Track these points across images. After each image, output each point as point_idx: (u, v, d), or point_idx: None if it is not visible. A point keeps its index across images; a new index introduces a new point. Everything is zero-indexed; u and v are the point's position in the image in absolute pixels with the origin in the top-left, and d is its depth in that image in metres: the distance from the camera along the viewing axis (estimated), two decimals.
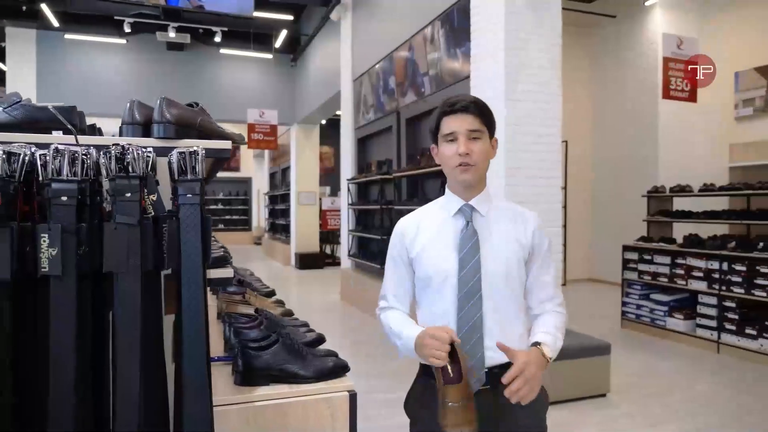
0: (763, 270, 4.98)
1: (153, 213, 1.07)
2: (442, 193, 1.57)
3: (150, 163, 1.06)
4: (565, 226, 7.40)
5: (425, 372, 1.48)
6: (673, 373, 4.82)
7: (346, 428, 1.39)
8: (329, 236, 14.01)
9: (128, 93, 11.73)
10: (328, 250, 14.16)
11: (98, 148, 1.10)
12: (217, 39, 10.96)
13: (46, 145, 1.06)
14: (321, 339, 1.79)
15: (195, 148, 1.05)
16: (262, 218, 20.35)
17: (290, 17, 11.24)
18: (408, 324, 1.45)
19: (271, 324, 1.67)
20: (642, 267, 6.31)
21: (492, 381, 1.38)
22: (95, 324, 1.05)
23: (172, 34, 10.74)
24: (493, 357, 1.39)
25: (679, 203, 6.90)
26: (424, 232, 1.50)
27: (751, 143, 8.57)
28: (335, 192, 15.59)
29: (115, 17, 10.49)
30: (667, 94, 6.66)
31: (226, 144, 1.28)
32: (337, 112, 11.36)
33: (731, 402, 4.09)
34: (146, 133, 1.29)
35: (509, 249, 1.46)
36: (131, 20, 10.26)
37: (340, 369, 1.50)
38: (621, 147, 9.62)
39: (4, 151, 0.95)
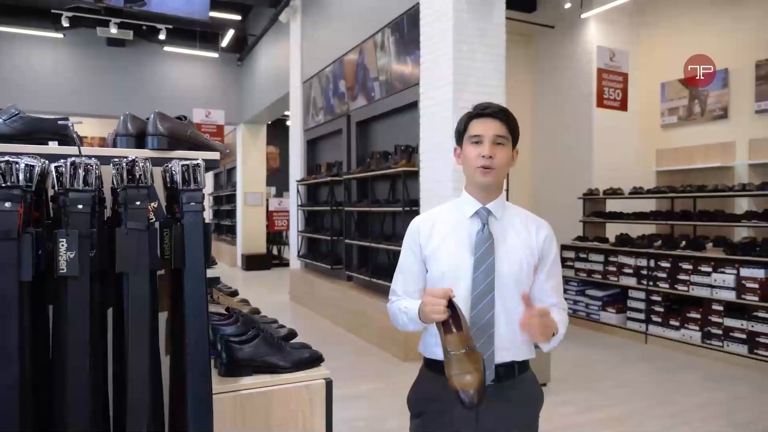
0: (685, 267, 5.45)
1: (154, 219, 1.18)
2: (392, 195, 1.70)
3: (151, 173, 1.17)
4: None
5: (430, 366, 1.55)
6: (606, 362, 5.21)
7: (323, 412, 1.54)
8: (276, 237, 13.98)
9: (65, 89, 11.34)
10: (275, 251, 14.12)
11: (98, 158, 1.20)
12: (162, 36, 10.75)
13: (51, 156, 1.15)
14: (293, 333, 1.92)
15: (198, 161, 1.17)
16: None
17: (238, 17, 11.17)
18: (413, 301, 1.52)
19: (247, 320, 1.79)
20: (578, 265, 6.73)
21: (498, 377, 1.47)
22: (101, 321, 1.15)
23: (113, 30, 10.44)
24: (502, 355, 1.47)
25: (612, 205, 7.38)
26: (440, 231, 1.55)
27: (676, 149, 9.23)
28: (281, 193, 15.55)
29: (53, 11, 10.12)
30: (600, 103, 7.12)
31: (215, 155, 1.40)
32: (286, 113, 11.38)
33: (658, 387, 4.47)
34: (138, 144, 1.39)
35: (521, 254, 1.52)
36: (69, 14, 9.93)
37: (316, 359, 1.64)
38: (559, 152, 10.11)
39: (24, 163, 1.04)
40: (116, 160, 1.14)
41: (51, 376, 1.08)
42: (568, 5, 8.20)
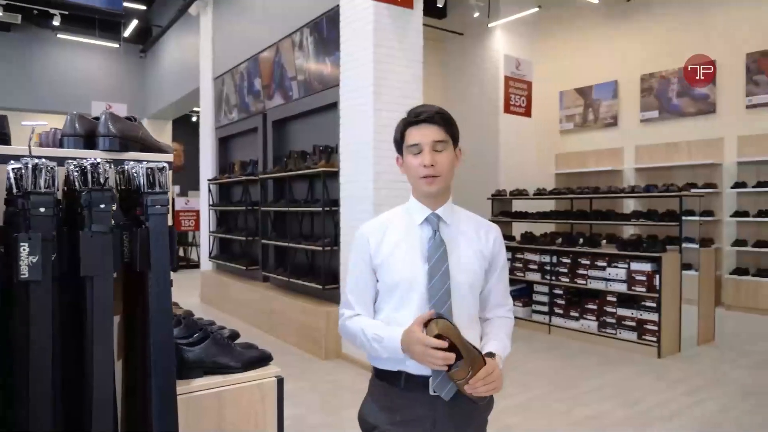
0: (584, 262, 5.93)
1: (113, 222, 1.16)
2: (310, 194, 1.71)
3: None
4: None
5: (382, 377, 1.49)
6: (513, 352, 5.53)
7: (275, 409, 1.57)
8: (183, 238, 13.44)
9: None
10: (181, 253, 13.57)
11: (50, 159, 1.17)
12: (56, 22, 10.00)
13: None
14: (236, 334, 1.92)
15: (163, 164, 1.17)
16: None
17: (143, 6, 10.64)
18: (385, 327, 1.44)
19: (190, 323, 1.78)
20: None
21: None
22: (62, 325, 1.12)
23: None
24: None
25: (518, 205, 7.85)
26: (390, 238, 1.49)
27: (572, 153, 9.97)
28: (185, 192, 14.95)
29: None
30: (507, 109, 7.55)
31: (168, 157, 1.39)
32: (195, 109, 10.99)
33: (560, 373, 4.85)
34: (88, 144, 1.35)
35: (474, 258, 1.49)
36: None
37: (265, 358, 1.67)
38: (469, 155, 10.56)
39: None
40: (76, 161, 1.12)
41: (14, 381, 1.04)
42: (476, 14, 8.59)
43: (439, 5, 7.24)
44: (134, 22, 11.00)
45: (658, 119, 8.71)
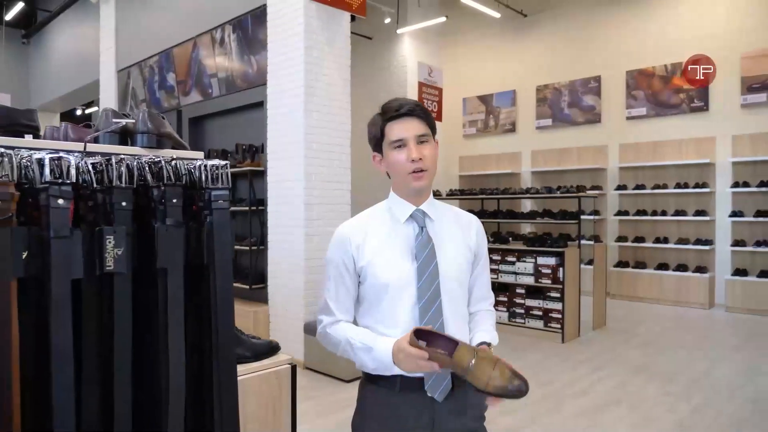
0: (495, 258, 6.39)
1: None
2: (234, 194, 1.66)
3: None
4: None
5: (372, 380, 1.43)
6: None
7: (290, 392, 1.67)
8: None
9: None
10: None
11: (93, 155, 1.19)
12: None
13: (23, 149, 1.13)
14: None
15: (225, 163, 1.23)
16: None
17: None
18: (373, 336, 1.37)
19: None
20: None
21: (453, 382, 1.39)
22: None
23: None
24: None
25: None
26: (373, 239, 1.42)
27: (475, 156, 10.59)
28: None
29: None
30: None
31: (199, 154, 1.45)
32: (89, 102, 10.29)
33: None
34: (121, 140, 1.37)
35: (460, 253, 1.46)
36: None
37: (274, 348, 1.75)
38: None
39: (73, 160, 1.02)
40: (149, 157, 1.16)
41: (100, 375, 1.06)
42: (387, 20, 8.88)
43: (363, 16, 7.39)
44: (19, 5, 10.08)
45: (551, 127, 9.52)
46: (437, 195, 7.69)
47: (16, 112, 1.22)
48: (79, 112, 12.91)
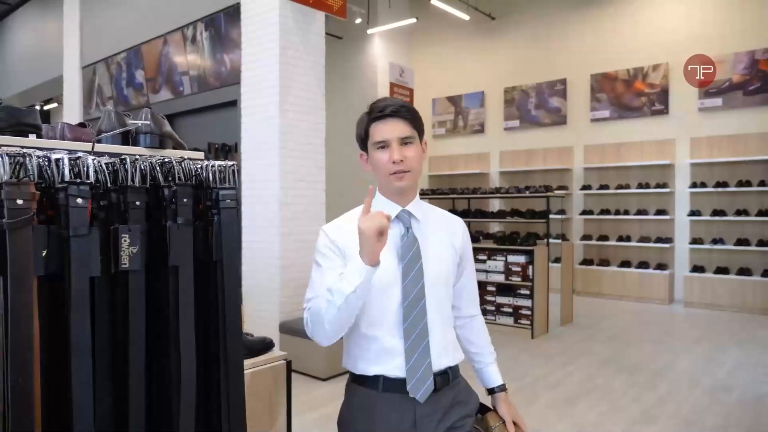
0: None
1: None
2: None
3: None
4: None
5: (360, 381, 1.43)
6: None
7: (284, 388, 1.70)
8: None
9: None
10: None
11: (101, 155, 1.21)
12: None
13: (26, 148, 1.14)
14: None
15: (233, 164, 1.26)
16: None
17: None
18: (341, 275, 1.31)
19: None
20: None
21: (435, 386, 1.38)
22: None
23: None
24: (438, 362, 1.40)
25: None
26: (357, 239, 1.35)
27: (445, 156, 10.73)
28: None
29: None
30: None
31: (199, 155, 1.47)
32: (48, 98, 10.02)
33: None
34: (123, 140, 1.39)
35: (446, 254, 1.46)
36: None
37: (268, 345, 1.78)
38: (353, 156, 10.87)
39: (92, 160, 1.04)
40: (157, 157, 1.18)
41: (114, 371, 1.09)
42: (358, 20, 8.92)
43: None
44: None
45: (519, 128, 9.73)
46: None
47: (20, 112, 1.23)
48: (37, 106, 12.51)
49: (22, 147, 1.06)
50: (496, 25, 9.99)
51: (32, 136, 1.26)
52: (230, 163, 1.25)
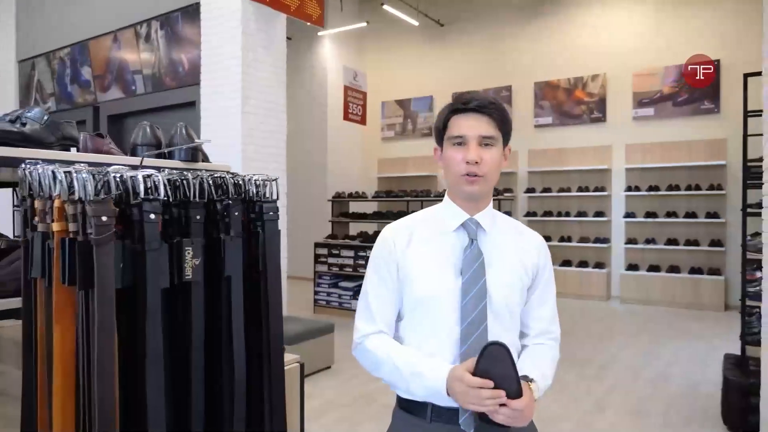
0: None
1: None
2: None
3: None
4: None
5: (407, 408, 1.30)
6: None
7: (298, 389, 1.77)
8: None
9: None
10: None
11: (140, 168, 1.25)
12: None
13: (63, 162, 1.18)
14: None
15: (277, 177, 1.32)
16: None
17: None
18: (425, 360, 1.21)
19: None
20: (331, 260, 7.51)
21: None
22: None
23: None
24: None
25: (353, 206, 8.41)
26: (418, 245, 1.28)
27: (393, 159, 10.91)
28: None
29: None
30: (346, 117, 8.04)
31: (226, 167, 1.52)
32: None
33: None
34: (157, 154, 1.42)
35: (514, 273, 1.29)
36: None
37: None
38: (301, 156, 10.85)
39: (161, 176, 1.08)
40: (199, 172, 1.23)
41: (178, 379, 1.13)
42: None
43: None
44: None
45: None
46: (360, 197, 7.88)
47: (63, 126, 1.24)
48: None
49: (68, 162, 1.09)
50: (445, 32, 10.26)
51: (73, 150, 1.27)
52: (273, 176, 1.31)
